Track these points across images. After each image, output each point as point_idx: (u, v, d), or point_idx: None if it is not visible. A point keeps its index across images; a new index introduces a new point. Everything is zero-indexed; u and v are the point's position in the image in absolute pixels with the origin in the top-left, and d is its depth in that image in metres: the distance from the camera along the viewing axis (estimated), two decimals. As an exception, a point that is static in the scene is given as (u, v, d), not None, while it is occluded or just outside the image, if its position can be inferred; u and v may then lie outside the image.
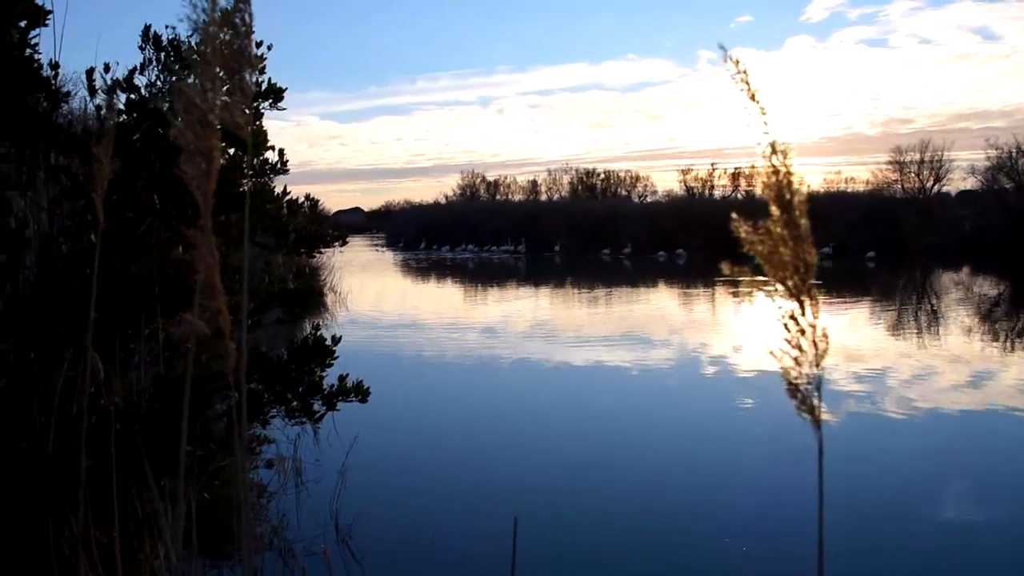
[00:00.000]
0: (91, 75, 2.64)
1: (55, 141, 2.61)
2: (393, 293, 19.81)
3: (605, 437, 6.04)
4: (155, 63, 2.96)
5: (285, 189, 3.31)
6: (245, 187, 2.78)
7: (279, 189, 3.41)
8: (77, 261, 2.52)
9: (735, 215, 0.89)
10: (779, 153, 0.87)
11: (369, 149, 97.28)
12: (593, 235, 36.11)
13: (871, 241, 29.30)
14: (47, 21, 2.72)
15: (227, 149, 2.52)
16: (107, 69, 2.70)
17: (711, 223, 35.78)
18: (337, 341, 3.25)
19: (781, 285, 0.89)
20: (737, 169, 47.46)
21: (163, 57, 2.94)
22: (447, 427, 6.42)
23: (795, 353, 0.87)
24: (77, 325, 2.58)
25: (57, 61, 2.59)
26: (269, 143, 2.89)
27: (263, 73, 2.71)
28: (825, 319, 0.83)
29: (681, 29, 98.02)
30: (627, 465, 5.33)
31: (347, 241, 3.85)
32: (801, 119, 78.46)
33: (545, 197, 51.24)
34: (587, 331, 11.78)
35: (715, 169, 48.14)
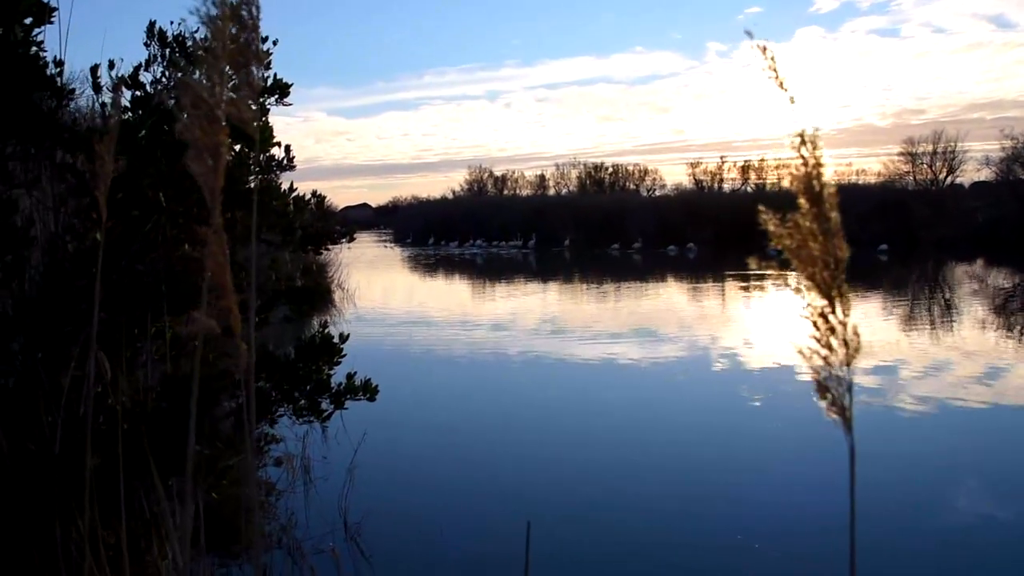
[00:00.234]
0: (96, 72, 2.62)
1: (60, 139, 2.58)
2: (402, 289, 19.81)
3: (616, 434, 6.00)
4: (160, 59, 2.93)
5: (292, 185, 3.28)
6: (251, 184, 2.75)
7: (285, 185, 3.38)
8: (83, 260, 2.49)
9: (762, 208, 0.85)
10: (808, 143, 0.82)
11: (376, 144, 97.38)
12: (601, 230, 35.97)
13: (883, 234, 29.01)
14: (52, 18, 2.69)
15: (233, 145, 2.49)
16: (112, 66, 2.67)
17: (721, 216, 35.63)
18: (345, 339, 3.22)
19: (810, 281, 0.84)
20: (747, 162, 47.19)
21: (168, 53, 2.91)
22: (456, 425, 6.40)
23: (825, 352, 0.82)
24: (83, 324, 2.56)
25: (62, 59, 2.57)
26: (276, 139, 2.86)
27: (269, 68, 2.67)
28: (865, 312, 0.79)
29: (689, 21, 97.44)
30: (638, 462, 5.29)
31: (355, 237, 3.82)
32: (812, 111, 77.49)
33: (553, 192, 51.14)
34: (598, 327, 11.72)
35: (724, 162, 47.87)
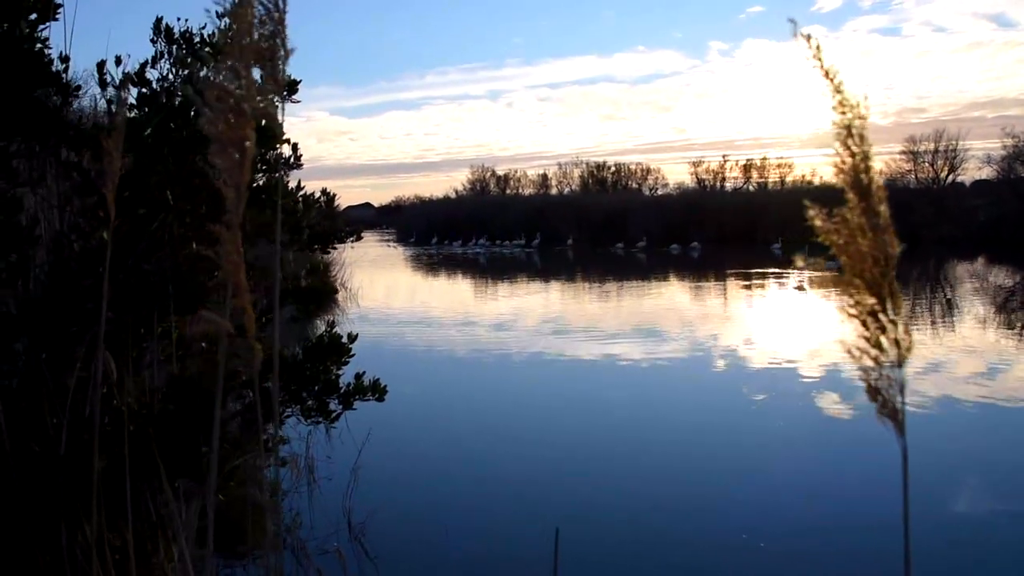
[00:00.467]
0: (102, 68, 2.58)
1: (65, 136, 2.54)
2: (407, 289, 19.79)
3: (621, 433, 5.96)
4: (167, 56, 2.89)
5: (299, 184, 3.24)
6: (259, 182, 2.71)
7: (292, 184, 3.34)
8: (89, 259, 2.46)
9: (808, 203, 0.80)
10: (855, 136, 0.78)
11: (379, 144, 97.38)
12: (604, 229, 35.94)
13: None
14: (57, 15, 2.66)
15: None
16: (118, 62, 2.63)
17: (723, 215, 35.59)
18: (353, 339, 3.18)
19: (859, 278, 0.80)
20: (749, 160, 47.12)
21: (175, 50, 2.87)
22: (461, 424, 6.36)
23: (875, 352, 0.78)
24: (89, 324, 2.52)
25: (67, 55, 2.53)
26: (285, 136, 2.82)
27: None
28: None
29: (691, 20, 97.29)
30: (642, 461, 5.25)
31: (361, 236, 3.79)
32: (813, 109, 77.56)
33: (555, 191, 51.09)
34: (604, 326, 11.68)
35: (726, 161, 47.79)
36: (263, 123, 1.10)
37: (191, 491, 2.86)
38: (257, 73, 1.09)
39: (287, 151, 3.07)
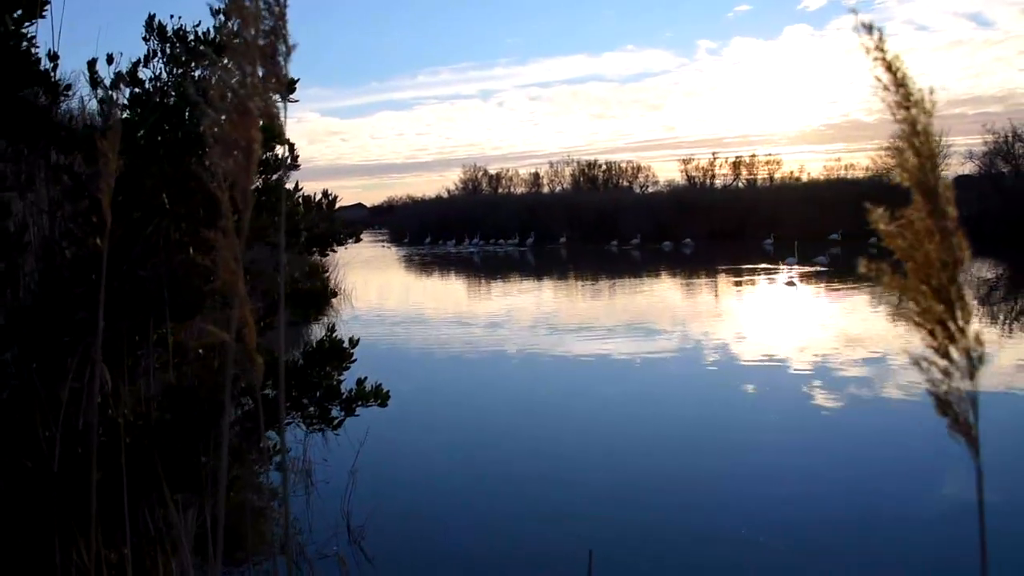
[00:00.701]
0: (93, 67, 2.49)
1: (55, 138, 2.46)
2: (404, 289, 19.68)
3: (621, 431, 5.91)
4: (160, 55, 2.80)
5: (297, 185, 3.17)
6: (257, 184, 2.63)
7: (289, 185, 3.26)
8: (81, 266, 2.37)
9: (869, 205, 0.75)
10: (921, 133, 0.72)
11: (370, 144, 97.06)
12: (597, 227, 35.96)
13: (871, 227, 29.03)
14: (44, 11, 2.57)
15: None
16: (110, 61, 2.54)
17: (714, 212, 35.68)
18: (355, 344, 3.10)
19: (925, 284, 0.74)
20: (738, 158, 47.28)
21: (169, 49, 2.78)
22: (459, 425, 6.30)
23: (944, 363, 0.73)
24: (82, 334, 2.44)
25: (56, 52, 2.44)
26: (286, 137, 2.74)
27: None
28: (849, 304, 0.70)
29: (679, 20, 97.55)
30: (643, 458, 5.20)
31: (360, 238, 3.72)
32: (801, 107, 78.13)
33: (547, 189, 51.03)
34: (604, 323, 11.64)
35: (716, 158, 47.91)
36: (261, 124, 1.04)
37: (189, 500, 2.78)
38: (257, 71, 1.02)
39: (283, 152, 2.99)
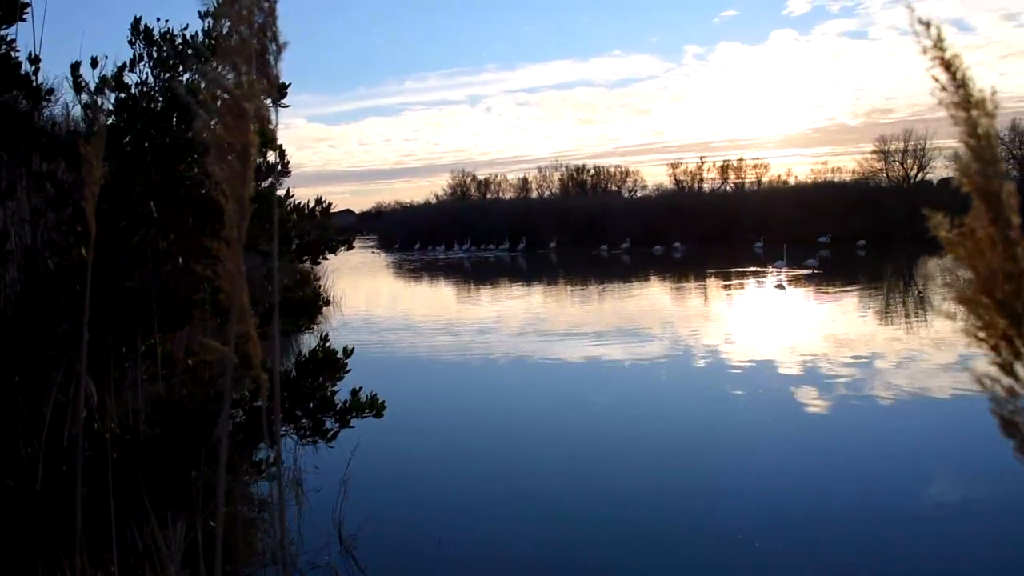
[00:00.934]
0: (76, 70, 2.40)
1: (37, 144, 2.36)
2: (397, 296, 19.57)
3: (614, 437, 5.85)
4: (146, 59, 2.72)
5: (288, 192, 3.09)
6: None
7: (280, 192, 3.18)
8: (65, 277, 2.28)
9: (927, 211, 0.69)
10: (983, 136, 0.67)
11: (358, 151, 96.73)
12: (587, 231, 36.04)
13: (859, 230, 29.45)
14: (25, 15, 2.48)
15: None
16: (94, 65, 2.45)
17: (702, 215, 35.88)
18: (349, 354, 3.03)
19: (987, 296, 0.69)
20: (725, 162, 47.61)
21: (155, 52, 2.70)
22: (451, 432, 6.22)
23: (1009, 381, 0.67)
24: (66, 346, 2.34)
25: (38, 55, 2.35)
26: (278, 142, 2.66)
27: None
28: (840, 307, 0.65)
29: (666, 25, 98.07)
30: (636, 464, 5.15)
31: (353, 245, 3.64)
32: (787, 111, 78.81)
33: (536, 194, 51.12)
34: (601, 329, 11.59)
35: (704, 162, 48.23)
36: (271, 125, 0.97)
37: (177, 514, 2.69)
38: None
39: (275, 157, 2.91)
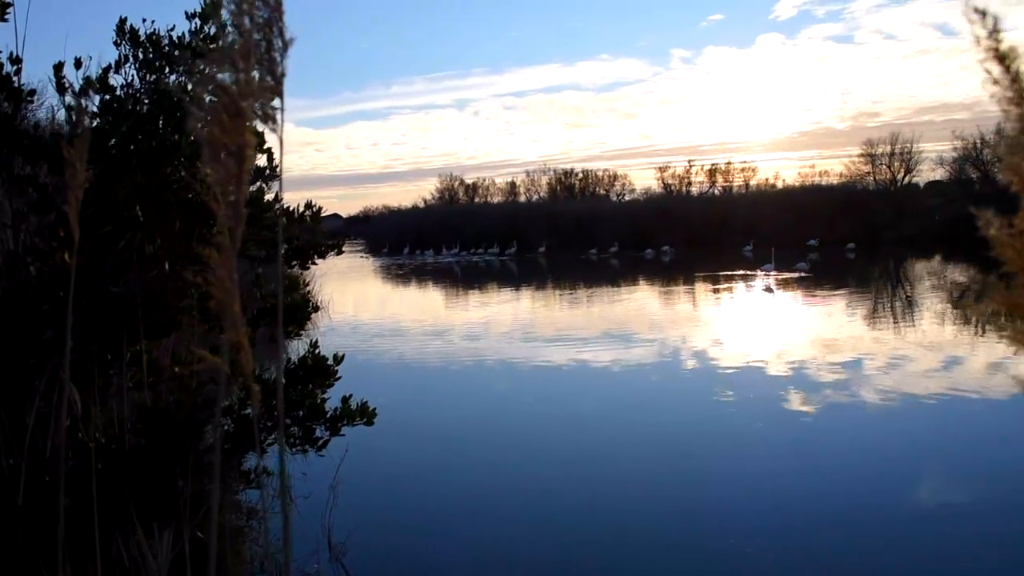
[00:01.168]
0: (59, 71, 2.34)
1: (19, 147, 2.31)
2: (387, 301, 19.47)
3: (604, 439, 5.84)
4: (132, 61, 2.67)
5: (277, 196, 3.04)
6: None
7: (269, 196, 3.14)
8: (48, 283, 2.22)
9: (976, 210, 0.66)
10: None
11: (345, 155, 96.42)
12: (576, 235, 36.10)
13: (847, 233, 29.73)
14: (7, 15, 2.43)
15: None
16: (78, 65, 2.40)
17: (691, 219, 36.04)
18: (340, 360, 2.98)
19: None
20: (714, 165, 47.90)
21: (141, 54, 2.65)
22: (441, 437, 6.18)
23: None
24: (49, 354, 2.29)
25: (19, 56, 2.29)
26: (267, 145, 2.62)
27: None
28: (835, 309, 0.63)
29: (654, 29, 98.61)
30: (627, 468, 5.14)
31: (343, 250, 3.60)
32: (774, 114, 79.44)
33: (524, 198, 51.17)
34: (589, 333, 11.58)
35: (692, 166, 48.47)
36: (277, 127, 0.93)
37: (164, 525, 2.63)
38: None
39: (272, 159, 2.87)
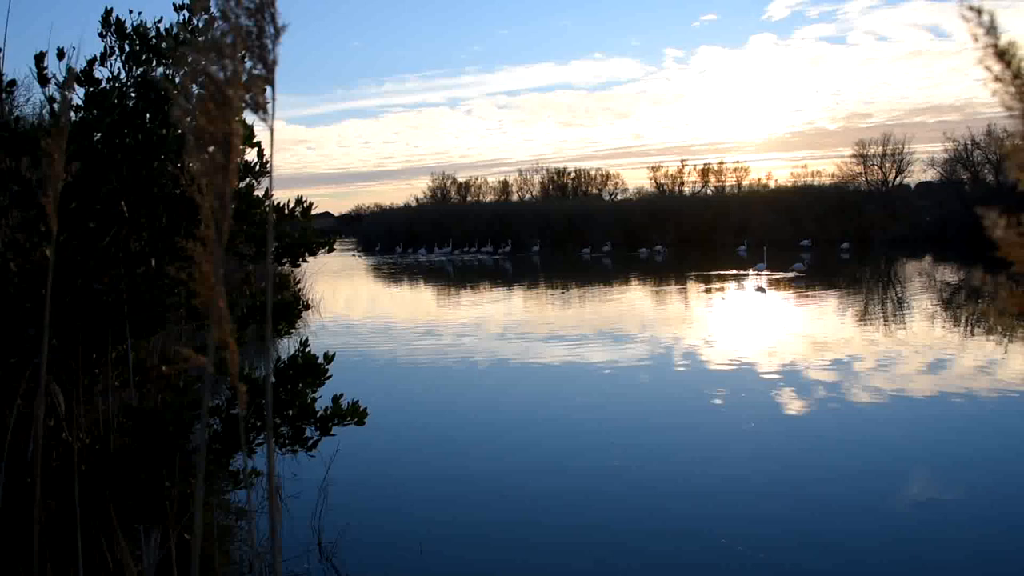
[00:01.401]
0: (41, 61, 2.28)
1: None
2: (378, 299, 19.39)
3: (597, 440, 5.81)
4: (118, 53, 2.61)
5: (267, 192, 2.99)
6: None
7: (258, 192, 3.08)
8: (29, 279, 2.17)
9: (981, 209, 0.63)
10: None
11: (337, 153, 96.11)
12: (568, 234, 36.12)
13: (839, 233, 29.88)
14: (-12, 5, 2.36)
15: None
16: (60, 56, 2.34)
17: (684, 219, 36.13)
18: (330, 359, 2.93)
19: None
20: (706, 165, 48.06)
21: (128, 46, 2.59)
22: (433, 437, 6.13)
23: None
24: (31, 352, 2.23)
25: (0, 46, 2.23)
26: (256, 139, 2.57)
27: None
28: (823, 309, 0.60)
29: (647, 28, 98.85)
30: (620, 469, 5.10)
31: (334, 247, 3.55)
32: (767, 114, 79.77)
33: (516, 197, 51.16)
34: (575, 331, 11.57)
35: (684, 166, 48.63)
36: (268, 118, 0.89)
37: (150, 527, 2.58)
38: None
39: (253, 156, 2.81)
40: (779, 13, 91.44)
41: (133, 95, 2.51)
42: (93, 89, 2.45)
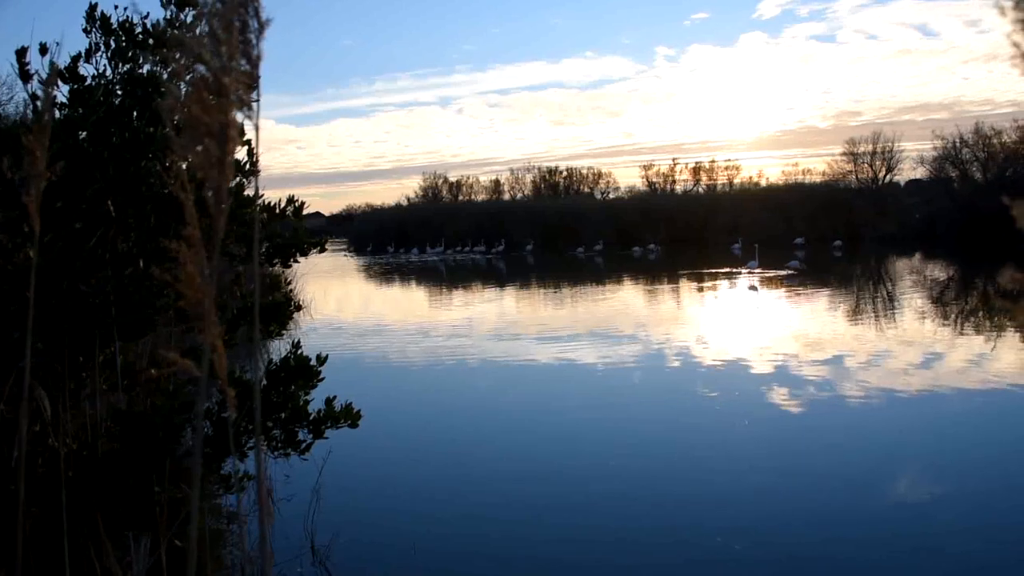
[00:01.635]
0: (23, 57, 2.22)
1: (-18, 139, 2.19)
2: (370, 300, 19.30)
3: (589, 439, 5.79)
4: (103, 49, 2.55)
5: (257, 192, 2.94)
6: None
7: (249, 191, 3.03)
8: (14, 281, 2.11)
9: (1008, 200, 0.60)
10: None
11: (327, 152, 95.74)
12: (561, 233, 36.11)
13: (829, 231, 30.03)
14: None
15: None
16: (43, 51, 2.28)
17: (676, 217, 36.22)
18: (323, 361, 2.89)
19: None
20: (698, 164, 48.19)
21: (114, 42, 2.54)
22: (425, 438, 6.09)
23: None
24: (15, 356, 2.17)
25: (-19, 42, 2.17)
26: (246, 137, 2.51)
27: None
28: (820, 306, 0.57)
29: (638, 26, 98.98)
30: (611, 469, 5.08)
31: (326, 248, 3.51)
32: (758, 113, 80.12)
33: (508, 196, 51.13)
34: (568, 330, 11.54)
35: (676, 164, 48.75)
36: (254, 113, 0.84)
37: (140, 533, 2.53)
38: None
39: (243, 154, 2.76)
40: (769, 12, 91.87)
41: (119, 92, 2.46)
42: (78, 86, 2.39)
